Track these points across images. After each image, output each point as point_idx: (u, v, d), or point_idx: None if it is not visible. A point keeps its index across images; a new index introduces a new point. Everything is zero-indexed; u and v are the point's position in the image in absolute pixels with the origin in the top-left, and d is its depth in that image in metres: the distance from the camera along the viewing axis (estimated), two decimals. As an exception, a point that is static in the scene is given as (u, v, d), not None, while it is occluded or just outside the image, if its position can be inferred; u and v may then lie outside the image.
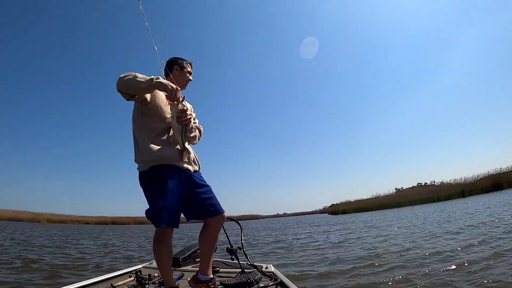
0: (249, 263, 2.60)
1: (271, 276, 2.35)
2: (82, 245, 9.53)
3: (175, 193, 1.82)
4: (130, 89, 1.72)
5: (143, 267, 2.85)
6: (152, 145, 1.81)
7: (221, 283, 2.07)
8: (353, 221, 17.54)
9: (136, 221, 45.34)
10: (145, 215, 1.85)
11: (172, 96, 1.70)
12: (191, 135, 2.04)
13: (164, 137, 1.87)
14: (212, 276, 1.96)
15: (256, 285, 2.08)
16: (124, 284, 2.28)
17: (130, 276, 2.49)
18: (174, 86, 1.70)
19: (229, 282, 2.06)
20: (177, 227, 1.82)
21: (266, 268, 2.70)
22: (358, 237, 8.30)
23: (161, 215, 1.74)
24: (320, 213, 63.28)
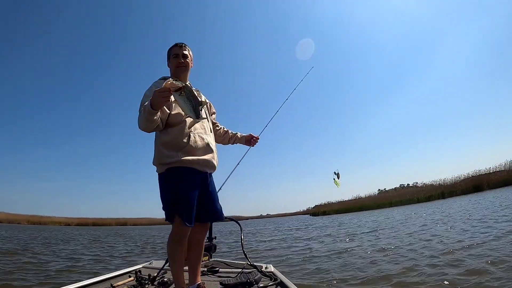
0: (248, 263, 2.62)
1: (271, 276, 2.36)
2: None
3: (194, 193, 1.88)
4: (152, 126, 1.79)
5: (143, 267, 2.83)
6: (172, 150, 1.86)
7: (220, 283, 2.09)
8: (324, 225, 16.86)
9: (118, 222, 44.63)
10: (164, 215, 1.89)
11: (164, 95, 1.61)
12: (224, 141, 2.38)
13: (185, 140, 1.88)
14: (199, 282, 1.99)
15: (255, 285, 2.08)
16: (124, 284, 2.26)
17: (130, 276, 2.48)
18: (157, 91, 1.62)
19: (229, 282, 2.07)
20: (192, 226, 1.85)
21: (266, 268, 2.70)
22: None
23: (185, 214, 1.80)
24: (302, 214, 63.67)
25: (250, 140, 2.47)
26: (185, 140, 1.87)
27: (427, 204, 24.06)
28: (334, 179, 3.47)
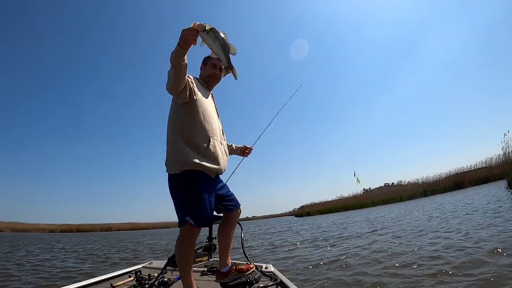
0: (248, 263, 2.67)
1: (271, 276, 2.37)
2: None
3: (210, 195, 1.91)
4: (180, 73, 1.68)
5: (142, 267, 2.83)
6: (191, 150, 1.85)
7: (220, 283, 2.10)
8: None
9: (102, 228, 43.57)
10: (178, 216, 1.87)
11: (192, 33, 1.62)
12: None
13: (205, 144, 1.89)
14: (231, 263, 2.13)
15: (256, 285, 2.10)
16: (123, 284, 2.28)
17: (129, 276, 2.49)
18: (185, 30, 1.62)
19: (229, 282, 2.08)
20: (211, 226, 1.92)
21: (266, 268, 2.71)
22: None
23: (198, 216, 1.82)
24: (288, 215, 63.86)
25: (244, 151, 2.61)
26: (205, 144, 1.89)
27: (409, 202, 24.35)
28: (356, 178, 3.63)
